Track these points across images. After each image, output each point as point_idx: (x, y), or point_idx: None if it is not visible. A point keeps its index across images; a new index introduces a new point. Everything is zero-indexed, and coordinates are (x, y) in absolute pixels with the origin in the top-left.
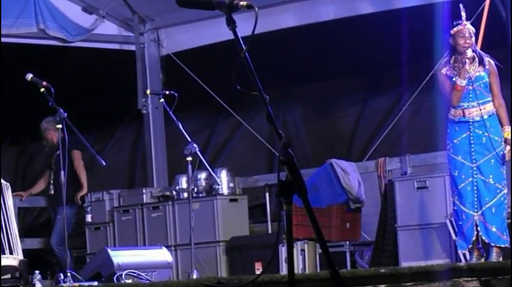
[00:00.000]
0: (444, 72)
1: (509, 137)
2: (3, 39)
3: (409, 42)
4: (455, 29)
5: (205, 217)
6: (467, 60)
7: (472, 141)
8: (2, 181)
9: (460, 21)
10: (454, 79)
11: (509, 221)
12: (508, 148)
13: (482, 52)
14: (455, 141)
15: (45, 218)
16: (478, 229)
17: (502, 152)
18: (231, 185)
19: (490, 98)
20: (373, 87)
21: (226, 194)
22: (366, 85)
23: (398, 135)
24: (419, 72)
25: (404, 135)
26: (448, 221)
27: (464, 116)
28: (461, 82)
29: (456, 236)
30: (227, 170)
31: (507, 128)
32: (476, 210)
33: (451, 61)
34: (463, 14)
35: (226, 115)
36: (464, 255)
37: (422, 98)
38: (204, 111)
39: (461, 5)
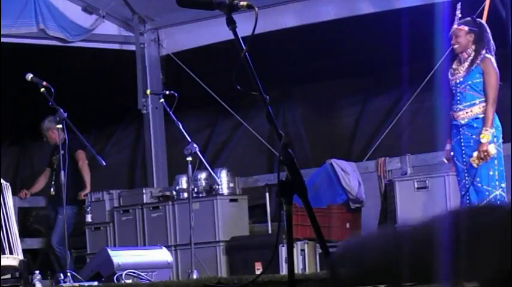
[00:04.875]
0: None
1: (483, 141)
2: (3, 39)
3: (409, 42)
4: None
5: (205, 217)
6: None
7: (462, 144)
8: (2, 181)
9: (454, 23)
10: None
11: None
12: (476, 153)
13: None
14: (452, 142)
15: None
16: None
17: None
18: (231, 185)
19: (481, 99)
20: (373, 87)
21: (226, 194)
22: (366, 85)
23: (399, 135)
24: (419, 72)
25: (405, 136)
26: None
27: (454, 119)
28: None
29: None
30: (227, 170)
31: (483, 131)
32: None
33: (454, 63)
34: (457, 13)
35: (226, 115)
36: None
37: (422, 98)
38: (204, 111)
39: (458, 5)
